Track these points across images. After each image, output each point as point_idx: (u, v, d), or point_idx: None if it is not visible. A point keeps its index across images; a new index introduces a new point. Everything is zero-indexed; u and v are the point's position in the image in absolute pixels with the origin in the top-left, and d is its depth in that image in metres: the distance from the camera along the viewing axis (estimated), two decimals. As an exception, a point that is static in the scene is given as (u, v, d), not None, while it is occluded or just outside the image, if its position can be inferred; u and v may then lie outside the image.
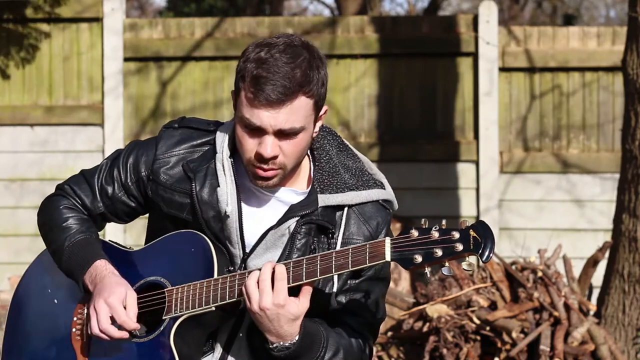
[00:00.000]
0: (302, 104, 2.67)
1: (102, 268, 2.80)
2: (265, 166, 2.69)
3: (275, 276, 2.63)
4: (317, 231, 2.77)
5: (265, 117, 2.65)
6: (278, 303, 2.61)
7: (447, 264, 2.54)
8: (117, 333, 2.73)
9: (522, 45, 8.52)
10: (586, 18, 22.28)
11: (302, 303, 2.63)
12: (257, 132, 2.68)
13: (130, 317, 2.72)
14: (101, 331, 2.73)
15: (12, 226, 8.50)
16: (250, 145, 2.69)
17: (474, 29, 8.50)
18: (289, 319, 2.63)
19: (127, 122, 8.60)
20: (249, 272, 2.68)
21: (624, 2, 18.29)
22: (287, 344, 2.65)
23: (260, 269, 2.64)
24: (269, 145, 2.67)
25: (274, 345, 2.66)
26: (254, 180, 2.73)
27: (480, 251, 2.50)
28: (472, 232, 2.51)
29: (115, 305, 2.72)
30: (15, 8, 8.58)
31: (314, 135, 2.78)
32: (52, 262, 2.94)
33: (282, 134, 2.67)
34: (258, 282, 2.63)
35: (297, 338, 2.66)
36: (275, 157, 2.68)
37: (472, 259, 2.53)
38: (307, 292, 2.64)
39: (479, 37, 8.42)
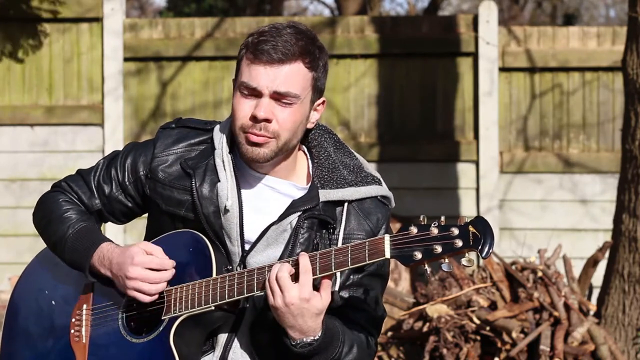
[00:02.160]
0: (300, 72, 2.70)
1: (109, 248, 2.80)
2: (257, 130, 2.70)
3: (299, 269, 2.62)
4: (319, 226, 2.78)
5: (263, 76, 2.68)
6: (304, 297, 2.60)
7: (446, 260, 2.54)
8: (167, 274, 2.72)
9: (522, 45, 8.52)
10: (586, 18, 22.28)
11: (324, 297, 2.63)
12: (253, 96, 2.70)
13: (163, 257, 2.73)
14: (159, 282, 2.71)
15: (12, 226, 8.51)
16: (244, 111, 2.71)
17: (474, 29, 8.50)
18: (314, 314, 2.62)
19: (127, 123, 8.60)
20: (264, 268, 2.67)
21: (624, 2, 18.28)
22: (309, 340, 2.65)
23: (282, 263, 2.63)
24: (264, 106, 2.69)
25: (296, 342, 2.65)
26: (245, 147, 2.72)
27: (479, 247, 2.50)
28: (471, 228, 2.51)
29: (143, 259, 2.72)
30: (15, 8, 8.57)
31: (310, 123, 2.80)
32: (49, 263, 2.94)
33: (278, 99, 2.70)
34: (278, 278, 2.61)
35: (319, 334, 2.65)
36: (268, 121, 2.69)
37: (472, 255, 2.53)
38: (327, 286, 2.63)
39: (479, 37, 8.42)
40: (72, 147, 8.57)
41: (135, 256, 2.73)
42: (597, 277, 6.91)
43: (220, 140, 2.83)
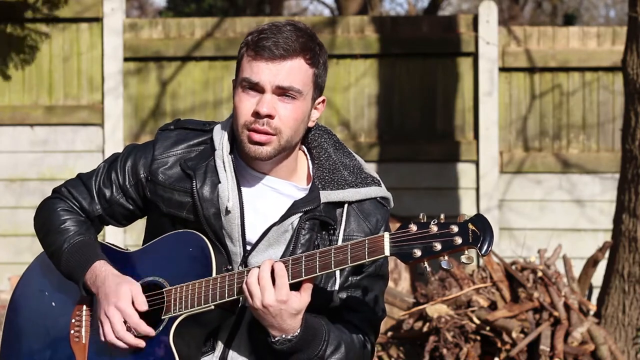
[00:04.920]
0: (302, 67, 2.71)
1: (102, 269, 2.79)
2: (259, 127, 2.70)
3: (275, 273, 2.64)
4: (320, 227, 2.78)
5: (265, 71, 2.69)
6: (281, 299, 2.62)
7: (446, 257, 2.54)
8: (133, 340, 2.72)
9: (522, 45, 8.52)
10: (586, 18, 22.28)
11: (303, 298, 2.64)
12: (256, 91, 2.71)
13: (138, 322, 2.72)
14: (118, 339, 2.72)
15: (12, 226, 8.50)
16: (247, 107, 2.72)
17: (474, 29, 8.50)
18: (291, 314, 2.64)
19: (127, 122, 8.60)
20: (248, 270, 2.68)
21: (624, 2, 18.29)
22: (289, 337, 2.67)
23: (259, 267, 2.65)
24: (266, 102, 2.69)
25: (276, 339, 2.67)
26: (247, 145, 2.73)
27: (479, 244, 2.50)
28: (470, 226, 2.52)
29: (126, 309, 2.72)
30: (15, 8, 8.57)
31: (311, 122, 2.80)
32: (49, 265, 2.93)
33: (281, 94, 2.70)
34: (259, 280, 2.63)
35: (299, 331, 2.67)
36: (271, 117, 2.69)
37: (471, 252, 2.54)
38: (307, 287, 2.65)
39: (479, 37, 8.42)
40: (72, 146, 8.56)
41: (121, 300, 2.72)
42: (597, 277, 6.91)
43: (220, 140, 2.83)
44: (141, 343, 2.73)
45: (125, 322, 2.73)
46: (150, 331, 2.72)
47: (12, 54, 8.58)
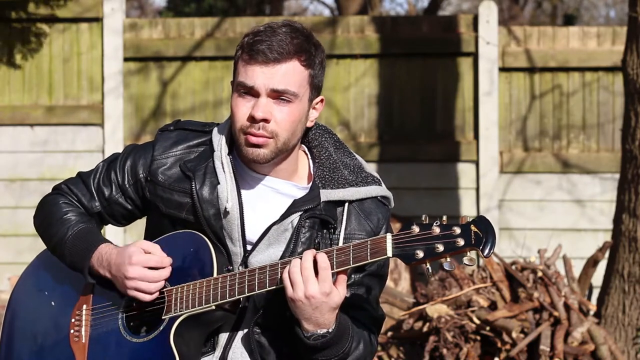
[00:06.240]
0: (297, 70, 2.71)
1: (107, 249, 2.80)
2: (255, 130, 2.70)
3: (318, 265, 2.62)
4: (320, 226, 2.78)
5: (259, 76, 2.69)
6: (324, 291, 2.61)
7: (448, 259, 2.55)
8: (165, 272, 2.73)
9: (522, 45, 8.52)
10: (586, 18, 22.28)
11: (341, 292, 2.64)
12: (251, 95, 2.71)
13: (161, 255, 2.74)
14: (158, 281, 2.72)
15: (12, 226, 8.50)
16: (243, 111, 2.72)
17: (474, 29, 8.50)
18: (332, 308, 2.64)
19: (127, 122, 8.60)
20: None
21: (624, 2, 18.29)
22: (322, 332, 2.66)
23: (300, 257, 2.64)
24: (261, 106, 2.70)
25: (310, 334, 2.66)
26: (245, 148, 2.73)
27: (481, 246, 2.51)
28: (473, 228, 2.52)
29: (141, 258, 2.73)
30: (15, 8, 8.57)
31: (309, 122, 2.81)
32: (49, 264, 2.94)
33: (276, 97, 2.70)
34: (301, 270, 2.62)
35: (333, 327, 2.67)
36: (266, 121, 2.70)
37: (473, 254, 2.54)
38: (343, 281, 2.65)
39: (479, 37, 8.42)
40: (72, 147, 8.56)
41: (133, 255, 2.73)
42: (597, 277, 6.91)
43: (219, 142, 2.83)
44: (168, 272, 2.73)
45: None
46: (170, 259, 2.74)
47: (13, 53, 8.58)
